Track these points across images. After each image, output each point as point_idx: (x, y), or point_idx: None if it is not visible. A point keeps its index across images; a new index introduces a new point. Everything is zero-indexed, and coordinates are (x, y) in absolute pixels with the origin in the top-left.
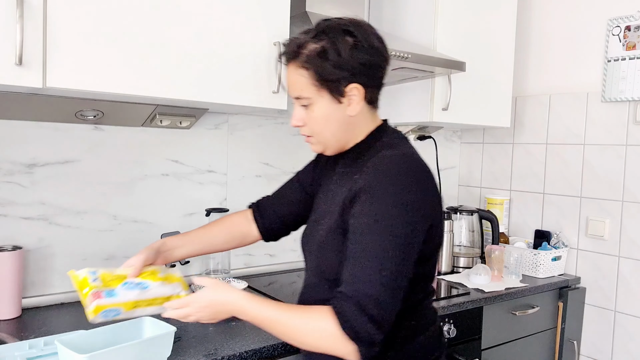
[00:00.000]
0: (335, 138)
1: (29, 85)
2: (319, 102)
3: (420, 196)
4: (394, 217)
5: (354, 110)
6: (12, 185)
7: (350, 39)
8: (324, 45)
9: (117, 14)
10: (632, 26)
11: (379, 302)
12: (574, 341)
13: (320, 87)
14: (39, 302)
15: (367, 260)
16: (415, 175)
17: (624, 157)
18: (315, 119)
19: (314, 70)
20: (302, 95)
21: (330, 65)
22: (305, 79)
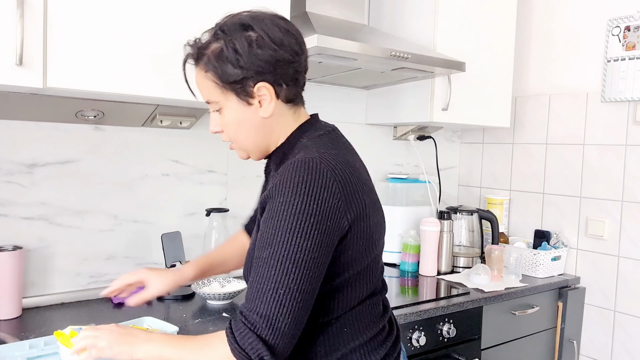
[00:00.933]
0: (252, 143)
1: (29, 85)
2: (227, 106)
3: (319, 205)
4: (291, 233)
5: (266, 112)
6: (13, 185)
7: (250, 34)
8: (221, 45)
9: (117, 14)
10: (631, 26)
11: (271, 323)
12: (573, 341)
13: (225, 90)
14: (39, 302)
15: (263, 277)
16: (314, 182)
17: (624, 157)
18: (227, 124)
19: (215, 73)
20: (210, 99)
21: (231, 66)
22: (210, 82)
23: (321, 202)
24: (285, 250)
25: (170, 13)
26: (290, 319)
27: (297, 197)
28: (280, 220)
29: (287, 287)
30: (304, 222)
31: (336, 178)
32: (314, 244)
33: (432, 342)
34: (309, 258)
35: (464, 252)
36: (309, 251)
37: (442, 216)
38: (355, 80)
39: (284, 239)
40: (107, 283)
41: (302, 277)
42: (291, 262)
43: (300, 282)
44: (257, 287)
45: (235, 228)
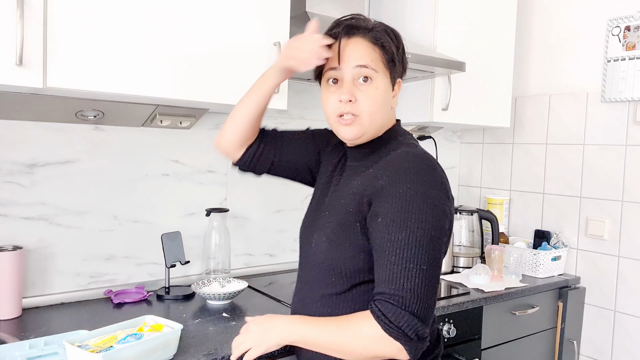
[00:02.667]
0: (379, 124)
1: (29, 85)
2: (382, 81)
3: (443, 195)
4: (424, 213)
5: (395, 103)
6: (13, 185)
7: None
8: (397, 38)
9: (117, 14)
10: (631, 26)
11: (420, 297)
12: (573, 341)
13: (386, 68)
14: (39, 302)
15: (404, 257)
16: (437, 174)
17: (624, 157)
18: (373, 96)
19: (387, 50)
20: (370, 65)
21: (398, 55)
22: (376, 53)
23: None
24: (423, 231)
25: (170, 13)
26: (434, 293)
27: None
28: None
29: (429, 263)
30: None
31: (443, 174)
32: (442, 226)
33: None
34: (439, 238)
35: (464, 252)
36: (440, 233)
37: None
38: None
39: (421, 220)
40: (107, 283)
41: (437, 253)
42: (428, 241)
43: (437, 258)
44: (400, 267)
45: (236, 228)
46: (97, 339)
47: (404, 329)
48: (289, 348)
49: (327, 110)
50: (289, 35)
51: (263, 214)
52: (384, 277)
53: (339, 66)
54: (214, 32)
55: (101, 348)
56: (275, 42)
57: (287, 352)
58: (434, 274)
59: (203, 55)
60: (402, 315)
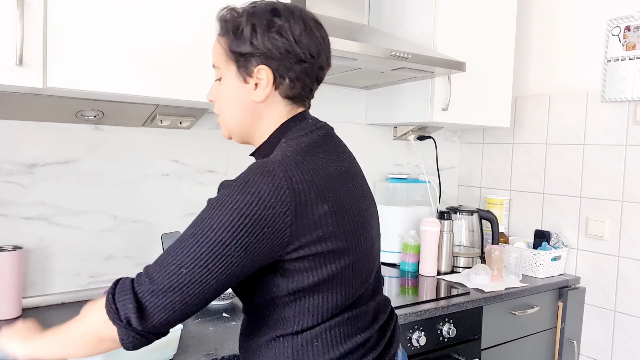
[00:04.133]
0: (236, 122)
1: (29, 85)
2: (226, 76)
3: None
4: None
5: (258, 96)
6: (12, 185)
7: (275, 19)
8: (243, 19)
9: (118, 14)
10: (631, 26)
11: (156, 293)
12: (573, 341)
13: (229, 60)
14: (39, 302)
15: (175, 250)
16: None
17: (624, 157)
18: (220, 94)
19: (227, 39)
20: (215, 64)
21: (243, 39)
22: (220, 47)
23: (264, 208)
24: (207, 238)
25: (170, 13)
26: (178, 300)
27: (241, 194)
28: (218, 209)
29: (192, 270)
30: (237, 221)
31: (290, 186)
32: (239, 244)
33: (432, 342)
34: (227, 256)
35: (464, 252)
36: (231, 249)
37: (442, 216)
38: (355, 80)
39: (212, 228)
40: (107, 283)
41: (211, 270)
42: (207, 250)
43: (207, 274)
44: (165, 257)
45: None
46: None
47: (118, 305)
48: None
49: None
50: None
51: None
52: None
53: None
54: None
55: None
56: None
57: None
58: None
59: (203, 54)
60: (125, 293)
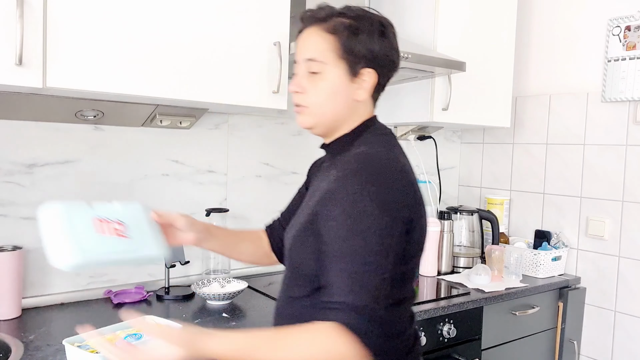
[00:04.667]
0: (333, 116)
1: (29, 85)
2: (332, 72)
3: (392, 193)
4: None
5: (361, 95)
6: (12, 185)
7: (384, 30)
8: (358, 23)
9: (117, 14)
10: (632, 26)
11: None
12: (574, 341)
13: (340, 58)
14: (39, 302)
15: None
16: (382, 173)
17: (624, 157)
18: (322, 88)
19: (340, 38)
20: (318, 58)
21: (359, 42)
22: (327, 44)
23: (392, 191)
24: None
25: (169, 12)
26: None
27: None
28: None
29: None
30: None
31: (402, 172)
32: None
33: (432, 342)
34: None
35: (464, 252)
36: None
37: (442, 216)
38: None
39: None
40: (106, 283)
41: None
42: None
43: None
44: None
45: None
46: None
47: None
48: None
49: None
50: (288, 35)
51: (263, 214)
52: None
53: (296, 58)
54: (214, 32)
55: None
56: (275, 41)
57: None
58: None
59: (202, 54)
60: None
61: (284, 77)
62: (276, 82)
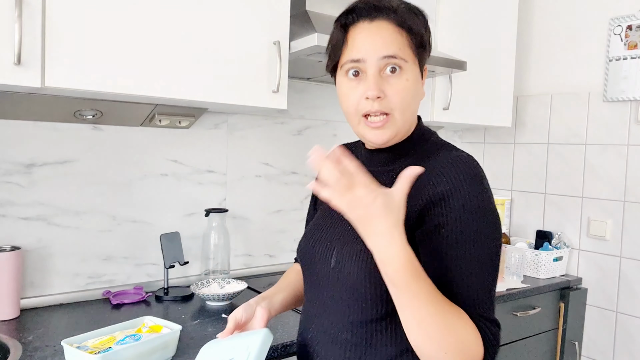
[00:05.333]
0: (410, 120)
1: (27, 85)
2: (411, 70)
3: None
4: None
5: (424, 94)
6: (11, 186)
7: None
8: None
9: (116, 14)
10: (633, 25)
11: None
12: (575, 342)
13: (416, 54)
14: (38, 303)
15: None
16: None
17: (626, 157)
18: (405, 90)
19: (416, 33)
20: (399, 54)
21: (426, 38)
22: (404, 39)
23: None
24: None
25: (168, 12)
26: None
27: (486, 192)
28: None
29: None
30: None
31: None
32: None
33: None
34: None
35: None
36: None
37: None
38: None
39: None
40: (105, 284)
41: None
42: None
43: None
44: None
45: (235, 228)
46: (95, 340)
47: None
48: (289, 350)
49: (348, 109)
50: (288, 34)
51: (263, 214)
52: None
53: (361, 57)
54: (214, 31)
55: (99, 349)
56: (275, 41)
57: (287, 353)
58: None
59: (202, 54)
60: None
61: (283, 76)
62: (276, 82)
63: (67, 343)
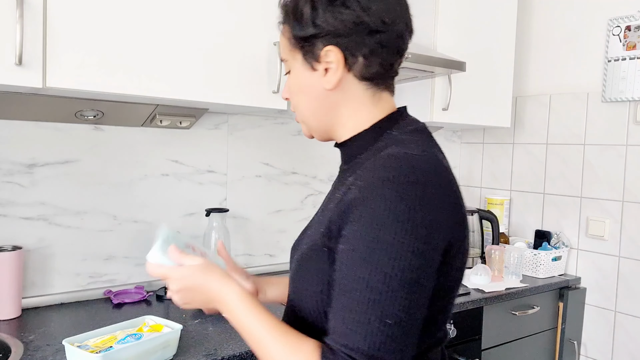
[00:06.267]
0: (313, 116)
1: (29, 85)
2: (294, 67)
3: (432, 213)
4: (395, 244)
5: (330, 82)
6: (12, 185)
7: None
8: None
9: (117, 14)
10: (632, 26)
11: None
12: (574, 341)
13: (294, 48)
14: (39, 302)
15: (364, 304)
16: (425, 184)
17: (624, 157)
18: (291, 88)
19: (289, 27)
20: (282, 56)
21: (304, 21)
22: (284, 38)
23: (431, 210)
24: (391, 269)
25: (169, 12)
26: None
27: (402, 201)
28: (382, 230)
29: (396, 315)
30: (412, 234)
31: (447, 183)
32: (424, 261)
33: None
34: (417, 277)
35: None
36: (418, 269)
37: None
38: None
39: (390, 255)
40: (106, 283)
41: (412, 302)
42: (399, 284)
43: (410, 309)
44: (358, 317)
45: (235, 228)
46: (96, 339)
47: None
48: None
49: None
50: None
51: (263, 214)
52: (336, 325)
53: None
54: (214, 32)
55: (100, 348)
56: (275, 42)
57: None
58: (404, 329)
59: (203, 54)
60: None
61: (283, 77)
62: (276, 82)
63: (68, 342)
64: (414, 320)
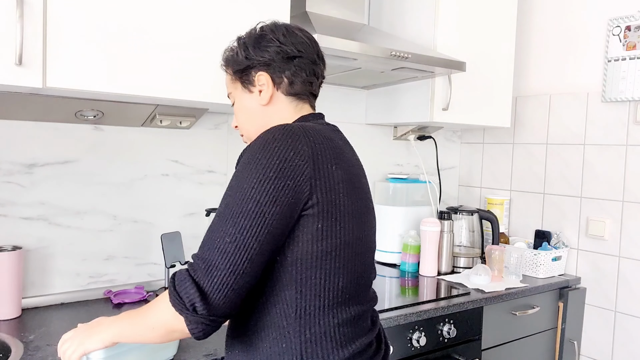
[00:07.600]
0: (253, 127)
1: (28, 85)
2: (237, 96)
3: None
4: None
5: (264, 99)
6: (12, 186)
7: (262, 34)
8: (236, 46)
9: (117, 14)
10: (632, 26)
11: (210, 270)
12: (574, 341)
13: (235, 80)
14: (39, 302)
15: (214, 226)
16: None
17: (624, 157)
18: (236, 112)
19: (229, 66)
20: (228, 92)
21: (240, 58)
22: (228, 76)
23: (284, 159)
24: (239, 201)
25: (169, 12)
26: (231, 271)
27: (261, 152)
28: (241, 173)
29: (234, 236)
30: (261, 175)
31: (308, 143)
32: (268, 198)
33: (432, 342)
34: (260, 212)
35: (464, 252)
36: (262, 204)
37: (442, 216)
38: (355, 80)
39: (240, 191)
40: (106, 283)
41: (251, 230)
42: (242, 213)
43: (249, 234)
44: (207, 236)
45: None
46: None
47: (182, 296)
48: None
49: None
50: None
51: None
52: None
53: None
54: (214, 32)
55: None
56: None
57: None
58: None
59: (202, 54)
60: (185, 282)
61: None
62: None
63: None
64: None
